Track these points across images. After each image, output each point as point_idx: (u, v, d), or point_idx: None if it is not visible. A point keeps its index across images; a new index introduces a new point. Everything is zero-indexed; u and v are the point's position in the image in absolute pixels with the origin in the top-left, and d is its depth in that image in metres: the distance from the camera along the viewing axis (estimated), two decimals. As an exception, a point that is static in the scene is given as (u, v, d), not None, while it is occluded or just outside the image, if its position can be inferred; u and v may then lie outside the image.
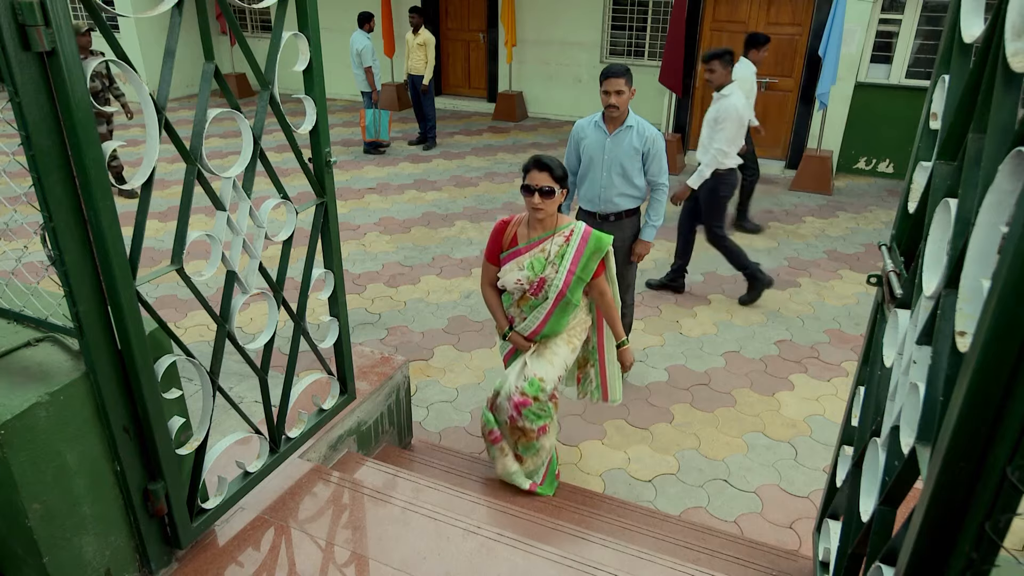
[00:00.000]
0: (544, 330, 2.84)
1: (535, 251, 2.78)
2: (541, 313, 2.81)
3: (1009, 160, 0.93)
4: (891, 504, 1.34)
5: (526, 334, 2.87)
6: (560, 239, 2.77)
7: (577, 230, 2.77)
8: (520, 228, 2.84)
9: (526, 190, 2.66)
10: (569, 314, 2.84)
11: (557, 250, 2.76)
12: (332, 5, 11.38)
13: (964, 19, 1.33)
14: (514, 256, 2.82)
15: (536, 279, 2.77)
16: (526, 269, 2.78)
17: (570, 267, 2.74)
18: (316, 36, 2.09)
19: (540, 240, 2.78)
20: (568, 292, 2.75)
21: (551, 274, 2.76)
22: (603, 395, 3.17)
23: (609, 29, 10.26)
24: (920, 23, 7.63)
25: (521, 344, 2.90)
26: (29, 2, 1.32)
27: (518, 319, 2.90)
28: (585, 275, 2.76)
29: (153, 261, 5.74)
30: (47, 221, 1.49)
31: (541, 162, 2.64)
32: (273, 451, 2.33)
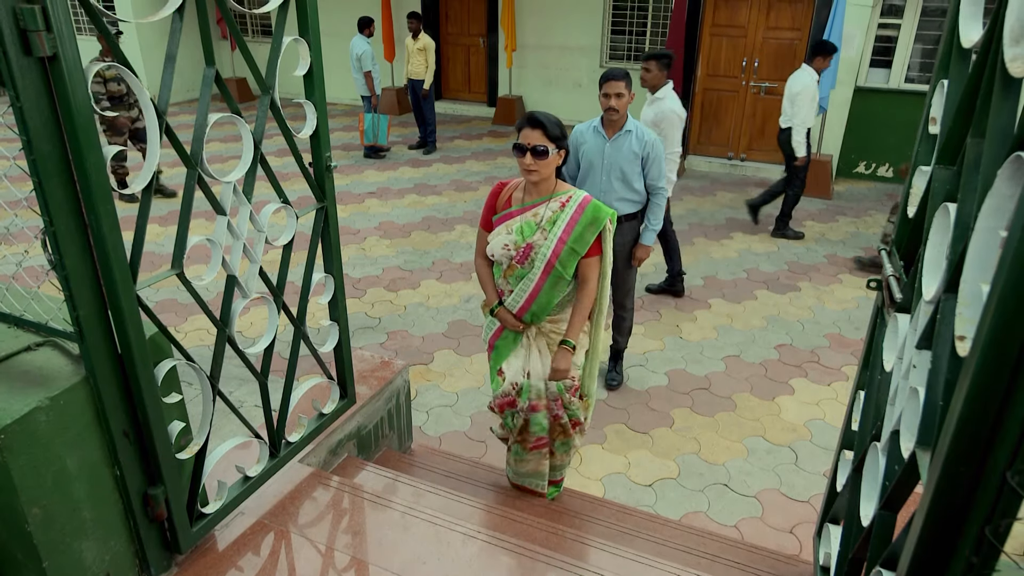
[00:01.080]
0: (532, 306, 2.59)
1: (527, 215, 2.57)
2: (528, 285, 2.57)
3: (1008, 165, 0.93)
4: (891, 509, 1.34)
5: (514, 309, 2.63)
6: (555, 204, 2.54)
7: (575, 197, 2.54)
8: (516, 192, 2.65)
9: (518, 149, 2.44)
10: (561, 291, 2.58)
11: (550, 215, 2.53)
12: (332, 10, 11.41)
13: (963, 24, 1.33)
14: (505, 219, 2.61)
15: (523, 244, 2.54)
16: (514, 233, 2.56)
17: (561, 235, 2.50)
18: (316, 41, 2.10)
19: (534, 204, 2.57)
20: (558, 263, 2.51)
21: (540, 240, 2.52)
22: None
23: (609, 33, 10.28)
24: (919, 28, 7.65)
25: (509, 322, 2.66)
26: (31, 7, 1.33)
27: (506, 293, 2.67)
28: (579, 247, 2.50)
29: (153, 265, 5.75)
30: (48, 225, 1.49)
31: (534, 118, 2.43)
32: (273, 455, 2.33)
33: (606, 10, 10.13)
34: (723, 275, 5.78)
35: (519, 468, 2.91)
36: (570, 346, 2.60)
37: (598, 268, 2.59)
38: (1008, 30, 1.02)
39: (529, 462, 2.87)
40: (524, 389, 2.69)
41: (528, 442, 2.80)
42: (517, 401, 2.70)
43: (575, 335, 2.62)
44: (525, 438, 2.79)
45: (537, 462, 2.86)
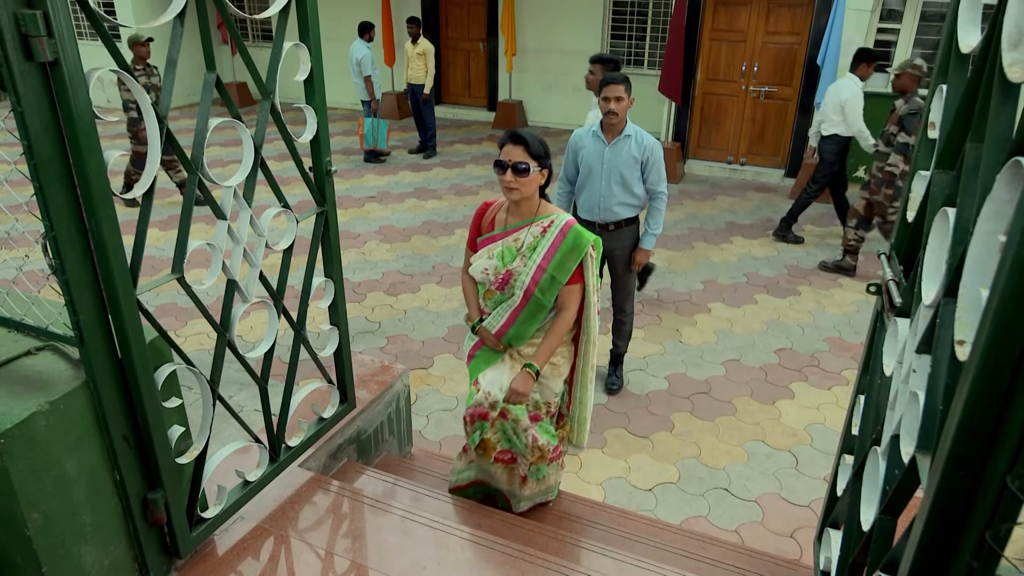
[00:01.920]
0: (510, 331, 2.51)
1: (508, 240, 2.48)
2: (506, 311, 2.49)
3: (1007, 169, 0.93)
4: (892, 513, 1.33)
5: (492, 331, 2.55)
6: (537, 229, 2.44)
7: (557, 222, 2.43)
8: (500, 212, 2.55)
9: (498, 166, 2.34)
10: (540, 319, 2.49)
11: (531, 241, 2.44)
12: (333, 15, 11.44)
13: (961, 29, 1.34)
14: (488, 242, 2.53)
15: (503, 271, 2.45)
16: (495, 259, 2.47)
17: (540, 262, 2.41)
18: (317, 46, 2.11)
19: (516, 228, 2.47)
20: (537, 291, 2.41)
21: (519, 267, 2.43)
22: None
23: (609, 38, 10.31)
24: (918, 32, 7.66)
25: (489, 341, 2.57)
26: (32, 13, 1.33)
27: (487, 313, 2.59)
28: (560, 275, 2.41)
29: (153, 269, 5.75)
30: (48, 230, 1.50)
31: (517, 135, 2.33)
32: (273, 460, 2.33)
33: (606, 15, 10.15)
34: (723, 279, 5.78)
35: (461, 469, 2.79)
36: (532, 371, 2.47)
37: (579, 297, 2.49)
38: (1006, 35, 1.02)
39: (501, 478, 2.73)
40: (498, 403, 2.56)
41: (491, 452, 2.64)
42: (489, 413, 2.57)
43: (541, 360, 2.49)
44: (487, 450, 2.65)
45: (508, 479, 2.72)
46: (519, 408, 2.53)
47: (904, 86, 5.26)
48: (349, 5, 11.37)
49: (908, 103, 5.19)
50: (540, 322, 2.50)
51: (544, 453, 2.62)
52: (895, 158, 5.23)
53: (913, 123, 5.12)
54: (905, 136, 5.16)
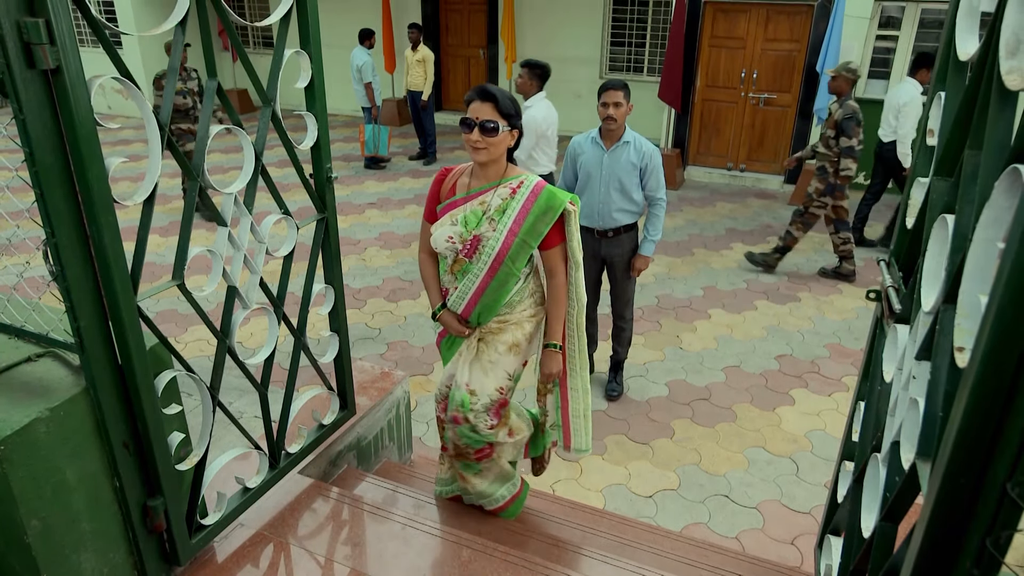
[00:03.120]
0: (478, 306, 2.31)
1: (473, 203, 2.28)
2: (474, 282, 2.28)
3: (1005, 176, 0.94)
4: (892, 520, 1.33)
5: (459, 310, 2.35)
6: (505, 191, 2.26)
7: (527, 183, 2.26)
8: (461, 177, 2.36)
9: (464, 124, 2.17)
10: (509, 290, 2.30)
11: (499, 204, 2.25)
12: (333, 22, 11.48)
13: (959, 37, 1.34)
14: (449, 208, 2.33)
15: (469, 237, 2.26)
16: (459, 224, 2.27)
17: (511, 226, 2.22)
18: (318, 53, 2.11)
19: (481, 191, 2.29)
20: (508, 258, 2.23)
21: (488, 232, 2.24)
22: (564, 440, 2.58)
23: (608, 45, 10.33)
24: (917, 39, 7.68)
25: (453, 327, 2.38)
26: (35, 21, 1.34)
27: (451, 290, 2.38)
28: (531, 239, 2.23)
29: (154, 276, 5.75)
30: (49, 237, 1.50)
31: (486, 90, 2.16)
32: (273, 467, 2.33)
33: (605, 22, 10.19)
34: (723, 285, 5.78)
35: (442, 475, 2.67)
36: (555, 347, 2.37)
37: (564, 256, 2.32)
38: (1004, 43, 1.02)
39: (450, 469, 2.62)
40: (451, 398, 2.43)
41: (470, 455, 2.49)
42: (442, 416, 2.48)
43: (557, 335, 2.37)
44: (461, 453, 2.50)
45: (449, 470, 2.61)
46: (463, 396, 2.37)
47: (839, 89, 5.36)
48: (350, 12, 11.41)
49: (843, 107, 5.29)
50: (509, 293, 2.31)
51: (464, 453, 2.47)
52: (847, 163, 5.34)
53: (850, 126, 5.23)
54: (846, 140, 5.27)
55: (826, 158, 5.44)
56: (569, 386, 2.49)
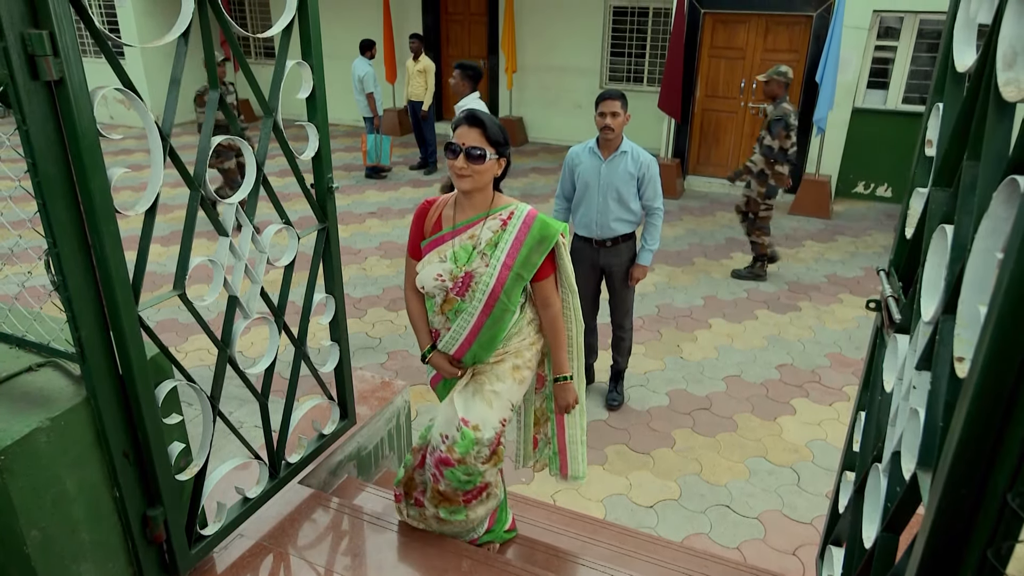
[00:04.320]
0: (473, 346, 2.17)
1: (462, 237, 2.14)
2: (468, 321, 2.14)
3: (1003, 187, 0.94)
4: (893, 531, 1.33)
5: (451, 351, 2.20)
6: (494, 223, 2.12)
7: (518, 213, 2.13)
8: (445, 210, 2.20)
9: (449, 150, 2.04)
10: (506, 325, 2.16)
11: (490, 237, 2.12)
12: (335, 31, 11.53)
13: (956, 49, 1.35)
14: (436, 244, 2.18)
15: (461, 274, 2.12)
16: (448, 261, 2.13)
17: (505, 259, 2.09)
18: (319, 64, 2.13)
19: (469, 224, 2.14)
20: (503, 293, 2.10)
21: (480, 268, 2.10)
22: (561, 468, 2.43)
23: (608, 55, 10.38)
24: (915, 50, 7.72)
25: (445, 369, 2.23)
26: (39, 33, 1.35)
27: (442, 331, 2.23)
28: (526, 271, 2.11)
29: (155, 285, 5.75)
30: (51, 247, 1.51)
31: (473, 116, 2.04)
32: (273, 477, 2.32)
33: (605, 32, 10.23)
34: (723, 295, 5.78)
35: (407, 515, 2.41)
36: (565, 379, 2.27)
37: (556, 286, 2.22)
38: (1001, 55, 1.03)
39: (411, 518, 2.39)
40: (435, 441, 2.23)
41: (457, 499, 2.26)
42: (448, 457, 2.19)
43: (564, 365, 2.27)
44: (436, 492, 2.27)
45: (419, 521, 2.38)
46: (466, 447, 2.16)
47: (773, 92, 5.48)
48: (351, 23, 11.47)
49: (776, 109, 5.42)
50: (506, 328, 2.17)
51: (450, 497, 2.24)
52: (756, 157, 5.56)
53: (777, 128, 5.38)
54: (770, 139, 5.44)
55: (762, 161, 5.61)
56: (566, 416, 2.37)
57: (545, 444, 2.47)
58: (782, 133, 5.36)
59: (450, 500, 2.24)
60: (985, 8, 1.19)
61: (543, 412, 2.43)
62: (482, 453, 2.17)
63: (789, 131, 5.36)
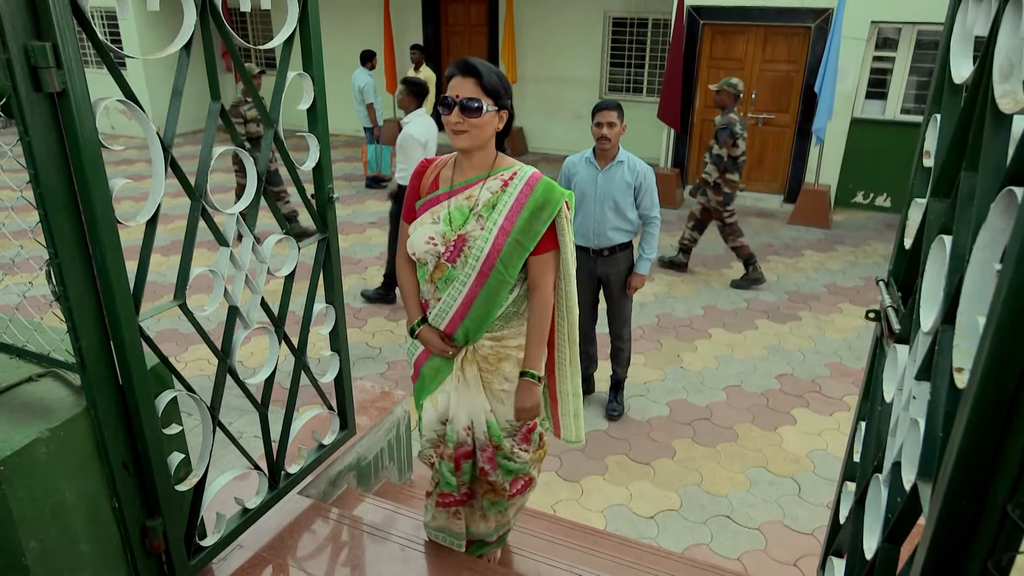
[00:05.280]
0: (465, 321, 1.98)
1: (458, 198, 1.95)
2: (460, 292, 1.94)
3: (1001, 198, 0.94)
4: (894, 541, 1.32)
5: (441, 325, 2.01)
6: (495, 183, 1.93)
7: (521, 174, 1.94)
8: (444, 170, 2.03)
9: (443, 104, 1.85)
10: (503, 300, 1.97)
11: (489, 198, 1.92)
12: (336, 41, 11.59)
13: (953, 60, 1.36)
14: (430, 205, 1.99)
15: (454, 236, 1.92)
16: (442, 222, 1.94)
17: (503, 223, 1.89)
18: (320, 75, 2.14)
19: (468, 184, 1.96)
20: (499, 261, 1.90)
21: (475, 231, 1.91)
22: (555, 430, 2.27)
23: (608, 66, 10.43)
24: (913, 60, 7.75)
25: (436, 345, 2.03)
26: (42, 45, 1.36)
27: (432, 301, 2.04)
28: (526, 239, 1.90)
29: (155, 295, 5.76)
30: (52, 257, 1.51)
31: (467, 64, 1.84)
32: (272, 487, 2.32)
33: (605, 43, 10.29)
34: (723, 304, 5.78)
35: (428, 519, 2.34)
36: (534, 378, 2.02)
37: (554, 268, 1.99)
38: (997, 67, 1.04)
39: (437, 517, 2.30)
40: (448, 435, 2.13)
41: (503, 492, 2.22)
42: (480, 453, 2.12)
43: (537, 363, 2.02)
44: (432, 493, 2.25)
45: (447, 519, 2.28)
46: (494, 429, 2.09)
47: (722, 102, 5.69)
48: (351, 34, 11.53)
49: (724, 118, 5.64)
50: (502, 304, 1.98)
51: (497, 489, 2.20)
52: (709, 167, 5.76)
53: (723, 136, 5.60)
54: (717, 148, 5.66)
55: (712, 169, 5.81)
56: (559, 390, 2.17)
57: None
58: (728, 141, 5.57)
59: (495, 493, 2.21)
60: (981, 20, 1.20)
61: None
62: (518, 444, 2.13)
63: (735, 139, 5.57)
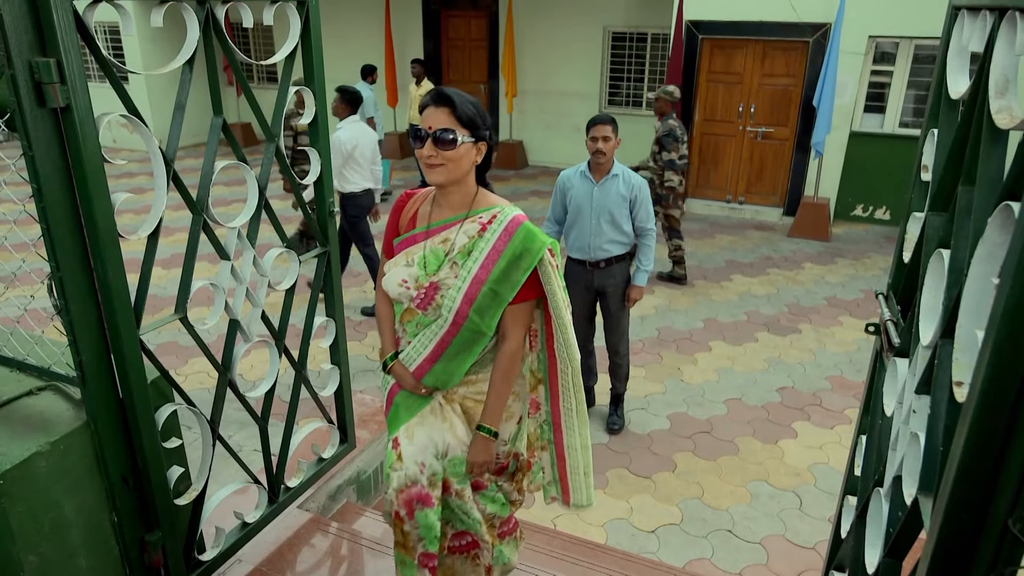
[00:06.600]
0: (436, 368, 1.85)
1: (435, 240, 1.82)
2: (430, 340, 1.82)
3: (998, 213, 0.95)
4: (896, 556, 1.32)
5: (411, 368, 1.88)
6: (472, 227, 1.79)
7: (501, 217, 1.78)
8: (424, 205, 1.90)
9: (415, 137, 1.72)
10: (476, 352, 1.84)
11: (465, 243, 1.78)
12: (336, 57, 11.66)
13: (950, 76, 1.37)
14: (407, 244, 1.87)
15: (426, 283, 1.80)
16: (416, 265, 1.82)
17: (477, 272, 1.75)
18: (321, 90, 2.15)
19: (446, 225, 1.82)
20: (473, 312, 1.76)
21: (448, 278, 1.78)
22: (563, 496, 2.12)
23: (608, 80, 10.49)
24: (911, 74, 7.80)
25: (407, 381, 1.89)
26: (46, 61, 1.37)
27: (402, 342, 1.92)
28: (503, 289, 1.76)
29: (155, 308, 5.76)
30: (54, 271, 1.51)
31: (441, 94, 1.70)
32: (272, 501, 2.31)
33: (604, 57, 10.35)
34: (723, 317, 5.78)
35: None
36: (487, 433, 1.86)
37: (526, 319, 1.85)
38: (993, 83, 1.05)
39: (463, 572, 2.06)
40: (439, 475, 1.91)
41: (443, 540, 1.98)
42: (431, 495, 1.88)
43: (494, 418, 1.86)
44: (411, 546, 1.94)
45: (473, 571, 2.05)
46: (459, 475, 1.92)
47: (661, 109, 6.01)
48: (352, 49, 11.60)
49: (664, 124, 5.93)
50: (477, 355, 1.85)
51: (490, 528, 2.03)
52: (669, 175, 5.99)
53: (669, 142, 5.89)
54: (667, 154, 5.93)
55: (653, 171, 6.06)
56: (566, 444, 2.04)
57: (539, 469, 2.16)
58: (674, 145, 5.84)
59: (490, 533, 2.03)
60: (977, 37, 1.21)
61: (536, 438, 2.12)
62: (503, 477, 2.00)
63: (678, 142, 5.84)
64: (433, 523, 1.88)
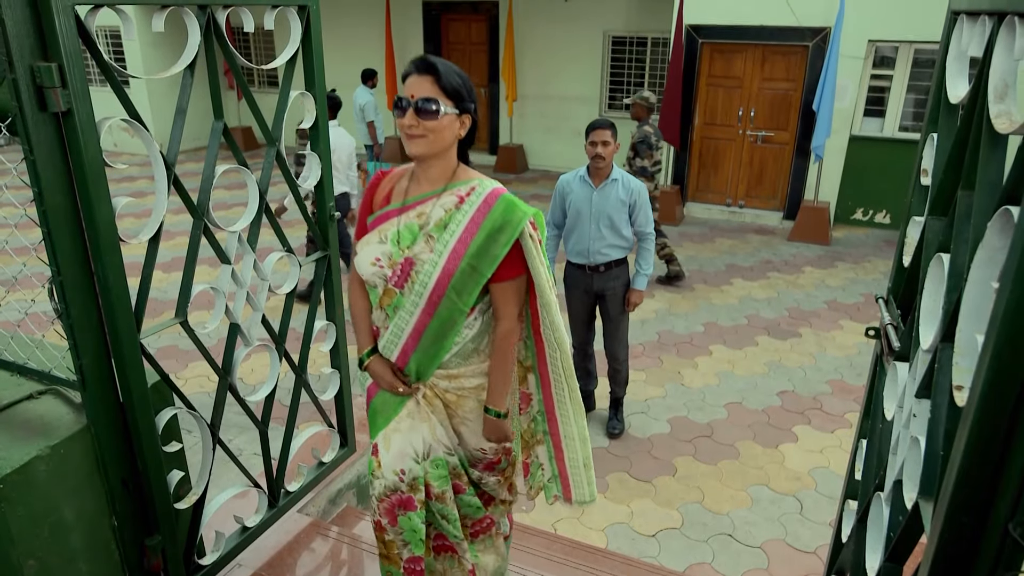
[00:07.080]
0: (416, 353, 1.76)
1: (410, 215, 1.73)
2: (407, 322, 1.73)
3: (997, 217, 0.95)
4: (896, 561, 1.32)
5: (392, 357, 1.79)
6: (450, 200, 1.70)
7: (480, 189, 1.70)
8: (400, 182, 1.81)
9: (397, 106, 1.64)
10: (456, 331, 1.73)
11: (441, 216, 1.69)
12: (336, 61, 11.69)
13: (949, 81, 1.37)
14: (380, 221, 1.77)
15: (401, 259, 1.71)
16: (389, 242, 1.73)
17: (455, 245, 1.66)
18: (322, 95, 2.16)
19: (421, 200, 1.73)
20: (451, 288, 1.67)
21: (423, 253, 1.69)
22: (564, 492, 2.06)
23: (608, 84, 10.50)
24: (911, 78, 7.81)
25: (385, 379, 1.81)
26: (48, 65, 1.37)
27: (382, 331, 1.82)
28: (482, 264, 1.66)
29: (156, 312, 5.76)
30: (55, 275, 1.52)
31: (425, 61, 1.63)
32: (272, 505, 2.31)
33: (604, 61, 10.37)
34: (724, 321, 5.78)
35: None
36: (497, 415, 1.80)
37: (518, 297, 1.76)
38: (992, 88, 1.05)
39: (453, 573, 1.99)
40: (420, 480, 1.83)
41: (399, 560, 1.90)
42: (414, 498, 1.83)
43: (499, 400, 1.80)
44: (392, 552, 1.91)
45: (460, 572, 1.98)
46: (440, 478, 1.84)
47: (637, 115, 5.98)
48: (353, 53, 11.63)
49: (639, 131, 5.90)
50: (456, 337, 1.75)
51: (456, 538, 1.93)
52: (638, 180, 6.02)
53: (643, 149, 5.88)
54: (640, 161, 5.90)
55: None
56: (563, 434, 1.97)
57: (537, 468, 2.07)
58: (648, 152, 5.84)
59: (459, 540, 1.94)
60: (976, 42, 1.21)
61: (531, 434, 2.03)
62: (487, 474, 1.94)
63: (652, 150, 5.85)
64: (417, 526, 1.84)
